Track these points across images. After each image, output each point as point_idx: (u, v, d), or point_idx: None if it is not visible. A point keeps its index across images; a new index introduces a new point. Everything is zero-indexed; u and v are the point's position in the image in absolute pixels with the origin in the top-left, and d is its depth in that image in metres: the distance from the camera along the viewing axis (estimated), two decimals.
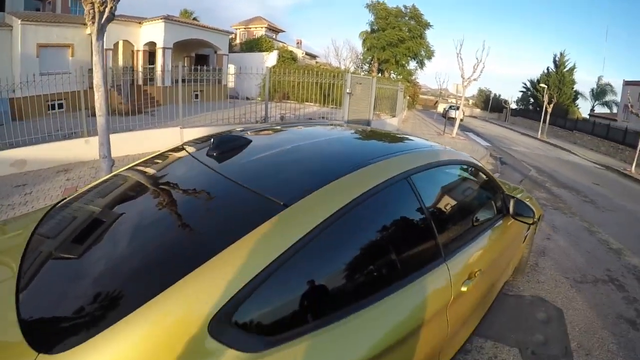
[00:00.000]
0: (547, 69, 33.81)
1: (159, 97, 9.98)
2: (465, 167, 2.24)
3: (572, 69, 32.40)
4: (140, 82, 11.10)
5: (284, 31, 31.07)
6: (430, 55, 27.88)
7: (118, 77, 6.33)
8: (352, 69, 27.03)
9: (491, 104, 44.04)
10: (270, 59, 20.78)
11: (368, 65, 28.89)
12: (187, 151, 1.76)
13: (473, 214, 2.07)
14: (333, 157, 1.67)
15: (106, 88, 3.92)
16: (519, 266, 3.44)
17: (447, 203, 1.94)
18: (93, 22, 3.68)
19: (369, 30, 28.38)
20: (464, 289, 1.64)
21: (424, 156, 1.78)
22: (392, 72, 27.23)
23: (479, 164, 2.37)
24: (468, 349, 2.59)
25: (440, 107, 36.06)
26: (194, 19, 24.62)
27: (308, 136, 1.99)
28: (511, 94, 72.82)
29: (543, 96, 24.45)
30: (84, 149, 5.82)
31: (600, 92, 32.49)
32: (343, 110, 10.50)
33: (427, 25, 27.23)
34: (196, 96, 9.72)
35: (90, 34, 4.08)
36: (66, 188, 4.18)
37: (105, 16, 3.72)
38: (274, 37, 27.95)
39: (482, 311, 2.25)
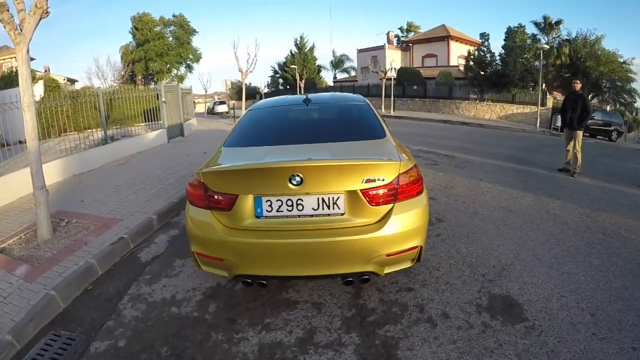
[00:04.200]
0: (291, 51, 40.36)
1: None
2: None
3: (312, 48, 40.18)
4: None
5: (34, 59, 25.30)
6: (198, 58, 29.69)
7: None
8: (116, 85, 25.28)
9: (245, 93, 47.82)
10: (36, 91, 17.13)
11: (132, 78, 27.82)
12: (280, 105, 3.65)
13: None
14: (346, 97, 3.85)
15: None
16: None
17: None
18: (20, 32, 3.26)
19: (133, 43, 27.32)
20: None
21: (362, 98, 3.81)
22: (164, 79, 27.39)
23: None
24: None
25: (199, 107, 36.57)
26: None
27: (326, 96, 4.39)
28: (262, 80, 79.48)
29: (294, 75, 30.67)
30: None
31: (338, 62, 42.29)
32: (162, 119, 10.78)
33: (193, 31, 29.50)
34: None
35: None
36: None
37: (38, 20, 3.30)
38: None
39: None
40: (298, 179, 2.08)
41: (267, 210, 2.16)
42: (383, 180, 2.15)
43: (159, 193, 5.17)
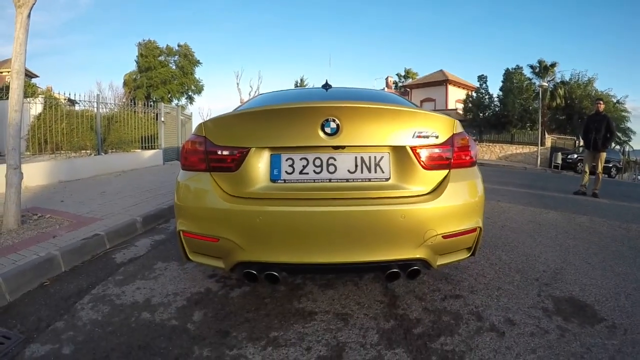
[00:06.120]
0: None
1: None
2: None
3: None
4: None
5: (37, 76, 25.30)
6: (200, 90, 29.84)
7: None
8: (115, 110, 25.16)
9: None
10: (36, 105, 16.99)
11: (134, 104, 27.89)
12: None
13: None
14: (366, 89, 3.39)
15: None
16: None
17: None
18: None
19: (136, 70, 27.58)
20: None
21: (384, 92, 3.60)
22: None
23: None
24: None
25: None
26: None
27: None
28: None
29: None
30: None
31: None
32: (160, 139, 10.45)
33: (197, 62, 29.46)
34: None
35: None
36: None
37: None
38: (28, 81, 22.64)
39: None
40: (334, 125, 1.64)
41: (286, 172, 1.68)
42: (437, 137, 1.74)
43: (148, 200, 4.64)
